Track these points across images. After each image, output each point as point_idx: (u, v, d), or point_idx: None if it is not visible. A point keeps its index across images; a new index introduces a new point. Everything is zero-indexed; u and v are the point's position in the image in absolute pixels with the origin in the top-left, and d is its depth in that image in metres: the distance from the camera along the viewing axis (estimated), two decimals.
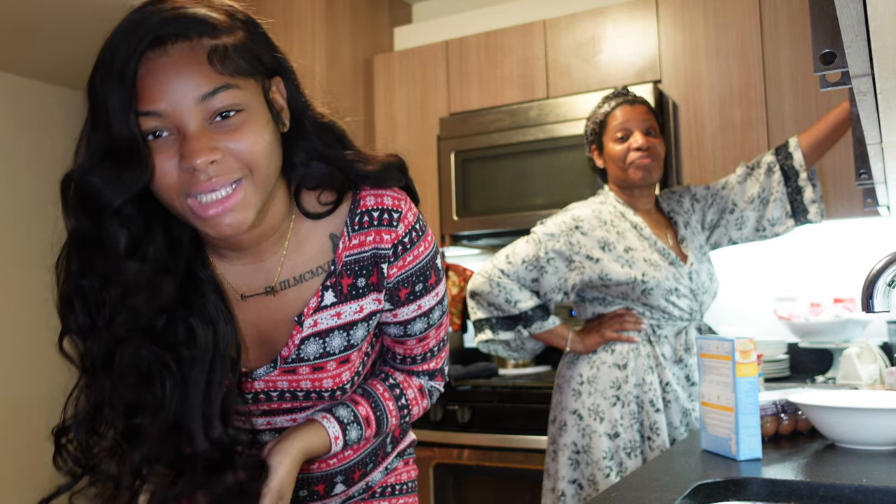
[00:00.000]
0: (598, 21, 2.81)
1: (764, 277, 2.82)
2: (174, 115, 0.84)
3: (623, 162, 2.01)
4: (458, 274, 3.14)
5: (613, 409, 1.91)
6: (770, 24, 2.55)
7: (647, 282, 1.92)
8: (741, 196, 2.06)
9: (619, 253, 1.94)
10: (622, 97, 2.07)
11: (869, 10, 0.54)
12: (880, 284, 1.27)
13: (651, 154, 2.00)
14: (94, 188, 0.84)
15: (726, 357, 1.25)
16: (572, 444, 1.94)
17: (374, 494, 1.17)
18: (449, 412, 2.64)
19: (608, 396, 1.92)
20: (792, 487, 1.09)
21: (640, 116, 2.03)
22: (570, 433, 1.95)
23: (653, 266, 1.93)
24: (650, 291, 1.93)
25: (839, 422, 1.30)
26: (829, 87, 0.77)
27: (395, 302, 1.02)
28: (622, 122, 2.02)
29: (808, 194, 2.02)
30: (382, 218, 0.98)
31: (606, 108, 2.07)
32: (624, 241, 1.97)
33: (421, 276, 1.02)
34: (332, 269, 0.98)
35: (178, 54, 0.84)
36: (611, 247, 1.95)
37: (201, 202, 0.85)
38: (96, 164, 0.85)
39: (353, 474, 1.12)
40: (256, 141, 0.87)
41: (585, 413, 1.94)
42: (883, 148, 1.13)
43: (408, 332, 1.07)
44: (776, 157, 2.05)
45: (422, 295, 1.03)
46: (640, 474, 1.18)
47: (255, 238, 0.96)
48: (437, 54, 3.09)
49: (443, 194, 2.96)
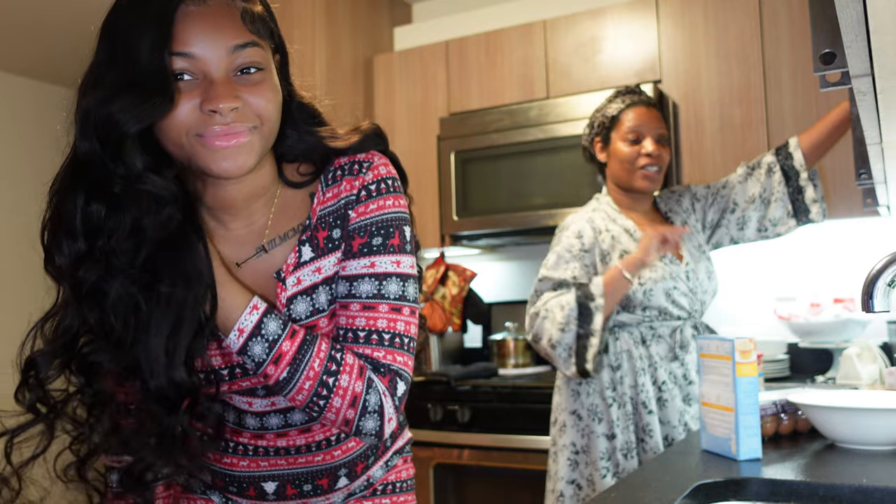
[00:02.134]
0: (598, 21, 2.81)
1: (764, 277, 2.82)
2: (204, 60, 0.91)
3: (631, 165, 1.99)
4: (458, 274, 3.14)
5: (610, 409, 1.91)
6: (770, 24, 2.55)
7: (644, 283, 1.92)
8: (742, 195, 2.06)
9: (615, 262, 1.93)
10: (637, 96, 2.05)
11: (869, 10, 0.54)
12: (880, 284, 1.27)
13: (659, 163, 1.99)
14: (114, 113, 0.88)
15: (726, 357, 1.25)
16: (571, 445, 1.94)
17: (376, 492, 1.17)
18: (449, 412, 2.64)
19: (605, 397, 1.92)
20: (792, 487, 1.09)
21: (654, 122, 2.01)
22: (570, 433, 1.95)
23: (649, 268, 1.93)
24: (650, 293, 1.93)
25: (839, 422, 1.30)
26: (829, 87, 0.77)
27: (346, 252, 1.00)
28: (636, 125, 2.00)
29: (810, 194, 2.01)
30: (353, 168, 1.02)
31: (620, 105, 2.04)
32: (620, 246, 1.96)
33: (382, 230, 0.99)
34: (308, 224, 1.02)
35: (216, 6, 0.92)
36: (608, 258, 1.95)
37: (214, 132, 0.90)
38: (115, 95, 0.89)
39: (355, 467, 1.11)
40: (272, 99, 0.95)
41: (585, 413, 1.94)
42: (883, 148, 1.13)
43: (353, 292, 0.98)
44: (776, 157, 2.05)
45: (378, 252, 0.99)
46: (640, 474, 1.18)
47: (246, 196, 1.01)
48: (436, 54, 3.09)
49: (443, 194, 2.96)
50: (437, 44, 3.10)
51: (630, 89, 2.08)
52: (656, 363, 1.92)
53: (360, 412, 0.95)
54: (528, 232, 2.89)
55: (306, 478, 1.09)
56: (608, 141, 2.04)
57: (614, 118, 2.03)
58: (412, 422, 2.71)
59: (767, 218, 2.04)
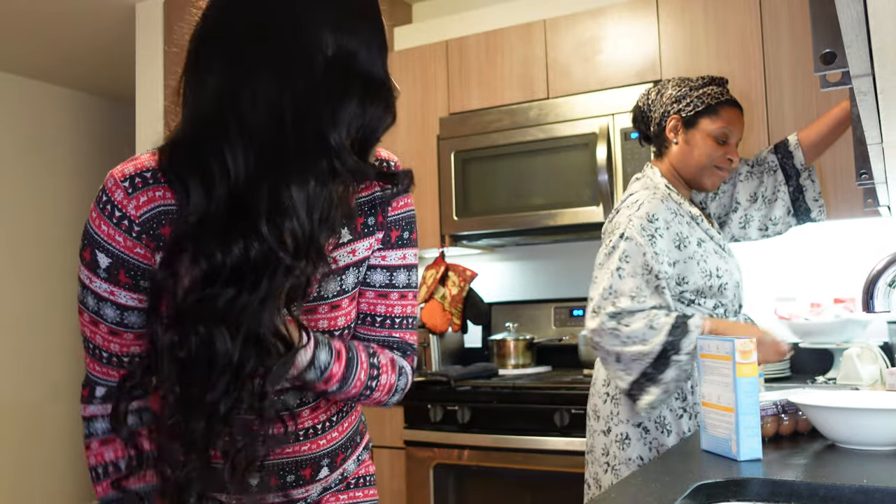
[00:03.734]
0: (598, 21, 2.81)
1: (764, 277, 2.82)
2: None
3: (709, 162, 1.86)
4: (457, 274, 3.14)
5: (680, 421, 1.80)
6: (770, 24, 2.55)
7: (721, 276, 1.82)
8: (743, 194, 2.04)
9: (693, 249, 1.80)
10: (731, 96, 1.90)
11: (869, 9, 0.54)
12: (881, 285, 1.27)
13: (732, 169, 1.92)
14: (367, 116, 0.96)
15: (726, 357, 1.25)
16: (639, 459, 1.80)
17: (349, 485, 1.21)
18: (449, 412, 2.64)
19: (674, 408, 1.80)
20: (792, 488, 1.09)
21: (742, 127, 1.89)
22: (636, 447, 1.80)
23: (723, 259, 1.83)
24: (724, 287, 1.82)
25: (840, 422, 1.29)
26: (829, 87, 0.77)
27: (386, 242, 1.10)
28: (730, 125, 1.86)
29: (811, 193, 2.00)
30: (382, 165, 1.09)
31: (720, 97, 1.88)
32: (696, 234, 1.82)
33: (408, 227, 1.12)
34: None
35: None
36: (685, 242, 1.80)
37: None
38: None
39: (336, 458, 1.16)
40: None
41: (652, 426, 1.80)
42: (883, 148, 1.13)
43: (392, 282, 1.11)
44: (776, 155, 2.04)
45: (407, 245, 1.12)
46: (641, 474, 1.18)
47: None
48: (436, 54, 3.09)
49: (443, 194, 2.96)
50: (437, 44, 3.10)
51: (723, 80, 1.93)
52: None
53: (391, 395, 1.12)
54: (528, 232, 2.89)
55: (291, 468, 1.11)
56: (692, 125, 1.87)
57: (712, 108, 1.86)
58: (412, 422, 2.71)
59: (769, 217, 2.03)
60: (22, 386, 4.44)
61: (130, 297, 0.98)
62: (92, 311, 0.99)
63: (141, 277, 0.97)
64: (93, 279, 0.98)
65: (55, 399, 4.57)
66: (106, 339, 1.01)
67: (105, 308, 0.98)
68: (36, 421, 4.48)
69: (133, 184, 0.96)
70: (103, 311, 0.99)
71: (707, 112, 1.86)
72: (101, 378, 1.05)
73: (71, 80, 4.66)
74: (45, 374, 4.55)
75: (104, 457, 1.05)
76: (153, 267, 0.95)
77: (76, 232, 1.02)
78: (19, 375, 4.42)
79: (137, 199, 0.95)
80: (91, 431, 1.06)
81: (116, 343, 1.01)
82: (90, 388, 1.06)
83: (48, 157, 4.65)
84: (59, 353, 4.62)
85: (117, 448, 1.05)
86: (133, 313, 0.99)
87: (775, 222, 2.02)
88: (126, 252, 0.96)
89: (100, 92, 4.89)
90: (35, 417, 4.48)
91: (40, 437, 4.49)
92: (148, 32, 3.69)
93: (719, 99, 1.87)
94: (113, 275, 0.97)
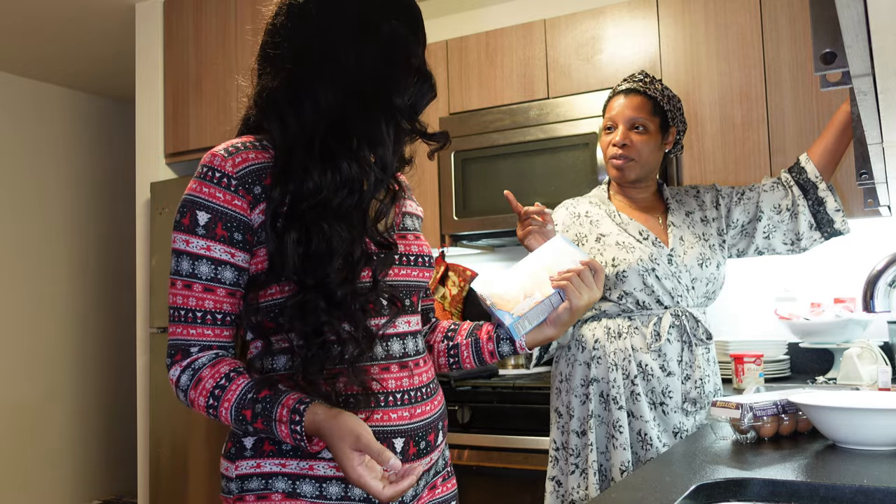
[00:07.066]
0: (598, 21, 2.81)
1: (764, 277, 2.82)
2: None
3: (607, 154, 1.99)
4: (457, 274, 3.14)
5: (583, 406, 1.91)
6: (770, 24, 2.55)
7: (617, 265, 1.89)
8: (768, 204, 2.01)
9: (591, 245, 1.94)
10: (624, 83, 2.02)
11: (870, 9, 0.54)
12: (881, 285, 1.27)
13: (627, 153, 1.95)
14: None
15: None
16: (552, 442, 1.98)
17: (449, 474, 1.33)
18: (449, 412, 2.64)
19: (578, 394, 1.92)
20: (793, 488, 1.09)
21: (628, 111, 1.97)
22: (552, 431, 1.98)
23: (624, 249, 1.90)
24: (623, 275, 1.89)
25: (840, 422, 1.29)
26: (829, 87, 0.77)
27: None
28: (611, 114, 1.99)
29: (831, 204, 1.98)
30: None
31: (609, 95, 2.04)
32: (597, 230, 1.96)
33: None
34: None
35: None
36: (584, 240, 1.96)
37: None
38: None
39: (443, 421, 1.28)
40: None
41: (564, 410, 1.96)
42: (884, 148, 1.13)
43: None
44: (790, 174, 2.03)
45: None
46: (641, 474, 1.18)
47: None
48: (436, 54, 3.09)
49: (443, 194, 2.96)
50: (437, 43, 3.10)
51: (627, 77, 2.06)
52: (630, 356, 1.87)
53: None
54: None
55: (422, 433, 1.19)
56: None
57: (606, 105, 2.04)
58: None
59: (794, 231, 2.00)
60: (22, 386, 4.44)
61: (224, 251, 1.11)
62: (186, 274, 1.11)
63: (235, 230, 1.11)
64: (190, 240, 1.11)
65: (55, 399, 4.57)
66: (200, 298, 1.11)
67: (200, 266, 1.11)
68: (36, 421, 4.48)
69: (228, 151, 1.14)
70: (198, 269, 1.11)
71: (604, 111, 2.04)
72: (194, 339, 1.13)
73: (71, 80, 4.66)
74: (45, 374, 4.55)
75: (215, 377, 1.10)
76: (249, 218, 1.11)
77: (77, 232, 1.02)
78: (19, 375, 4.42)
79: (233, 159, 1.12)
80: (188, 383, 1.12)
81: (211, 300, 1.12)
82: (181, 352, 1.13)
83: (48, 156, 4.65)
84: (60, 353, 4.62)
85: (218, 371, 1.11)
86: (227, 268, 1.12)
87: (800, 237, 2.00)
88: (225, 205, 1.11)
89: (100, 92, 4.89)
90: (35, 417, 4.48)
91: (40, 437, 4.49)
92: (148, 32, 3.69)
93: (608, 98, 2.03)
94: (211, 229, 1.10)
